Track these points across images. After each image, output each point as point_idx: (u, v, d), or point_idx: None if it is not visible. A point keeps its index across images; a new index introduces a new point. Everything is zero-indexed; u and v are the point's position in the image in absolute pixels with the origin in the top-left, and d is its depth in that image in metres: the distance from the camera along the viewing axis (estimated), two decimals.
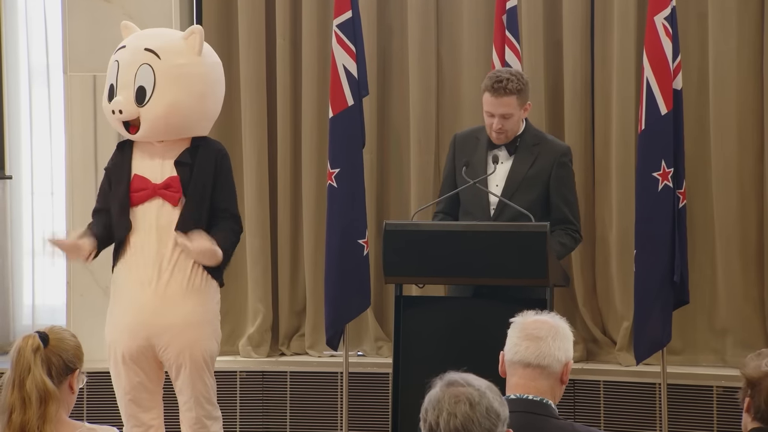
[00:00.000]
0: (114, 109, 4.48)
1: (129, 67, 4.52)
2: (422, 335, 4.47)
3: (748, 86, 5.61)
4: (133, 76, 4.50)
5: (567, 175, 4.82)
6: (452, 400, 2.44)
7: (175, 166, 4.52)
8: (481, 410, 2.44)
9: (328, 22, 5.70)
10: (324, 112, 5.76)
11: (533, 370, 3.00)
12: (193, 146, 4.56)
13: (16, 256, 6.49)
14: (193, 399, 4.51)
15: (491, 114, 4.69)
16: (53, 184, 6.39)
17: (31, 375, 2.85)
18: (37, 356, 2.87)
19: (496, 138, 4.72)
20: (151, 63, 4.52)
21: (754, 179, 5.63)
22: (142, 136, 4.51)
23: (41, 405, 2.84)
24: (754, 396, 2.82)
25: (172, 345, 4.45)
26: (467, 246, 4.38)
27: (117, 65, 4.53)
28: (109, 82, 4.53)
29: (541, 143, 4.80)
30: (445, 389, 2.47)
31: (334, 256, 5.37)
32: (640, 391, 5.57)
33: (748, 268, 5.63)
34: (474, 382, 2.49)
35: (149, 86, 4.49)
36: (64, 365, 2.92)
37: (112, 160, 4.62)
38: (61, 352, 2.92)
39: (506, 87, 4.64)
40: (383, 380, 5.73)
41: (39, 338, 2.90)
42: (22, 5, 6.41)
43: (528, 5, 5.79)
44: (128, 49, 4.57)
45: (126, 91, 4.49)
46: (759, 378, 2.80)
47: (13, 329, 6.46)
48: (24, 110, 6.44)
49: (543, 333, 3.02)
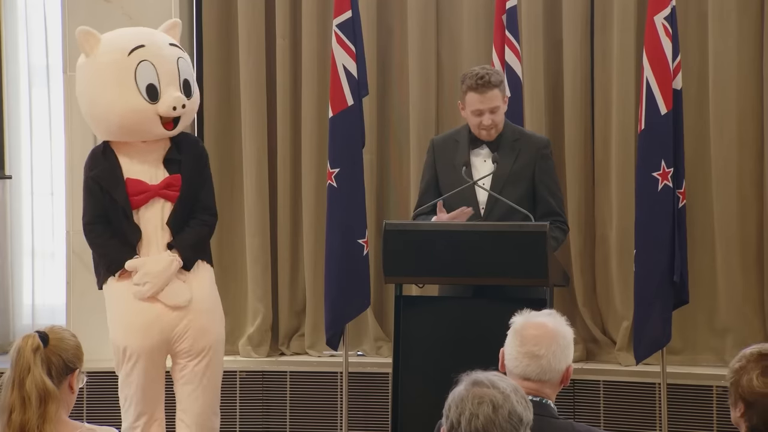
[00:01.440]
0: (177, 105, 4.51)
1: (167, 63, 4.55)
2: (422, 335, 4.47)
3: (747, 86, 5.60)
4: (176, 71, 4.55)
5: (550, 167, 4.83)
6: (475, 401, 2.43)
7: (165, 164, 4.56)
8: (504, 414, 2.43)
9: (328, 22, 5.70)
10: (324, 112, 5.76)
11: (534, 383, 3.01)
12: (174, 142, 4.60)
13: (16, 256, 6.49)
14: (201, 387, 4.55)
15: (479, 112, 4.68)
16: (53, 184, 6.40)
17: (30, 375, 2.85)
18: (37, 356, 2.87)
19: (486, 135, 4.72)
20: (183, 57, 4.64)
21: (754, 179, 5.63)
22: (178, 131, 4.59)
23: (41, 405, 2.84)
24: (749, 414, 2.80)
25: (189, 332, 4.53)
26: (467, 246, 4.38)
27: (150, 65, 4.52)
28: (146, 83, 4.51)
29: (521, 138, 4.80)
30: (470, 388, 2.46)
31: (334, 256, 5.37)
32: (640, 391, 5.57)
33: (747, 267, 5.63)
34: (499, 384, 2.47)
35: (191, 78, 4.64)
36: (64, 365, 2.92)
37: (96, 166, 4.58)
38: (61, 351, 2.92)
39: (490, 81, 4.67)
40: (383, 380, 5.73)
41: (39, 338, 2.90)
42: (22, 5, 6.41)
43: (528, 5, 5.79)
44: (152, 47, 4.58)
45: (173, 86, 4.54)
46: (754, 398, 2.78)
47: (13, 329, 6.46)
48: (24, 110, 6.44)
49: (543, 350, 3.01)
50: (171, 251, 4.54)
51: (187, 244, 4.56)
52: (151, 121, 4.52)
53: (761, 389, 2.75)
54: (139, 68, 4.51)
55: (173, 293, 4.50)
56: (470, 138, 4.77)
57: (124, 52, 4.55)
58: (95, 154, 4.62)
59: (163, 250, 4.52)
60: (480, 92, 4.66)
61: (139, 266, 4.48)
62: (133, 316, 4.51)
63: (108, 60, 4.56)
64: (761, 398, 2.74)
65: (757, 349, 2.82)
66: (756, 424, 2.77)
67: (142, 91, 4.50)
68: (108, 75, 4.55)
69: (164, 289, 4.49)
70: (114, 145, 4.60)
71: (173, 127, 4.57)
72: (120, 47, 4.57)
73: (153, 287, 4.47)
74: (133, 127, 4.54)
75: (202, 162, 4.67)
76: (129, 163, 4.56)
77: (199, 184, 4.63)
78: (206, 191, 4.67)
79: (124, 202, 4.50)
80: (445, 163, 4.81)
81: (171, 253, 4.52)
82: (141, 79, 4.51)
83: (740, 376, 2.80)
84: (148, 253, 4.52)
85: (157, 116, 4.52)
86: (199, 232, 4.61)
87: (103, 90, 4.56)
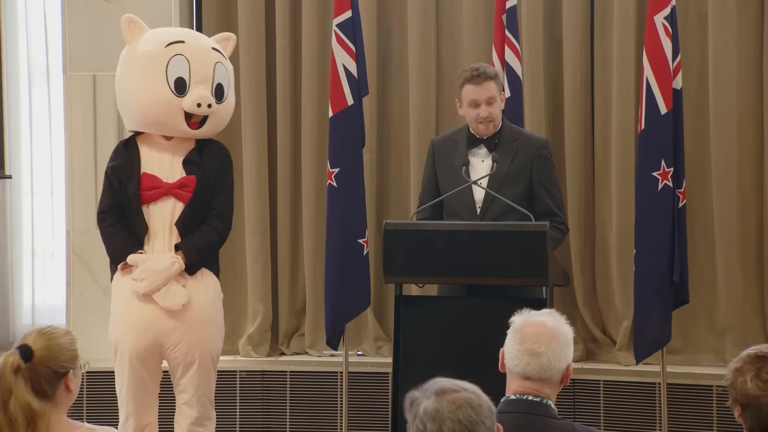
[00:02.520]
0: (202, 102, 4.51)
1: (204, 64, 4.57)
2: (422, 335, 4.47)
3: (747, 86, 5.61)
4: (211, 73, 4.56)
5: (548, 167, 4.82)
6: (452, 408, 2.39)
7: (184, 164, 4.55)
8: (484, 411, 2.41)
9: (328, 21, 5.69)
10: (324, 112, 5.76)
11: (534, 382, 3.01)
12: (199, 146, 4.60)
13: (15, 256, 6.49)
14: (195, 397, 4.54)
15: (476, 103, 4.68)
16: (53, 184, 6.39)
17: (13, 397, 2.77)
18: (18, 376, 2.79)
19: (484, 129, 4.72)
20: (222, 63, 4.64)
21: (754, 179, 5.63)
22: (203, 133, 4.60)
23: (29, 425, 2.77)
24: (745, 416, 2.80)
25: (182, 342, 4.50)
26: (467, 246, 4.37)
27: (185, 60, 4.53)
28: (176, 75, 4.52)
29: (520, 138, 4.81)
30: (440, 399, 2.40)
31: (334, 255, 5.37)
32: (640, 391, 5.57)
33: (747, 267, 5.63)
34: (464, 386, 2.44)
35: (227, 85, 4.65)
36: (53, 373, 2.84)
37: (118, 158, 4.59)
38: (48, 362, 2.83)
39: (485, 72, 4.71)
40: (383, 380, 5.73)
41: (20, 354, 2.81)
42: (21, 4, 6.41)
43: (528, 5, 5.79)
44: (192, 45, 4.60)
45: (204, 86, 4.54)
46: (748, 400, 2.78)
47: (12, 329, 6.46)
48: (24, 110, 6.43)
49: (543, 348, 3.01)
50: (176, 253, 4.53)
51: (194, 247, 4.53)
52: (174, 115, 4.52)
53: (754, 391, 2.75)
54: (172, 61, 4.53)
55: (168, 295, 4.47)
56: (469, 138, 4.77)
57: (162, 43, 4.58)
58: (119, 146, 4.65)
59: (169, 250, 4.51)
60: (476, 83, 4.68)
61: (140, 262, 4.47)
62: (129, 314, 4.49)
63: (144, 49, 4.59)
64: (755, 400, 2.74)
65: (755, 350, 2.82)
66: (751, 426, 2.77)
67: (170, 83, 4.51)
68: (140, 63, 4.58)
69: (160, 290, 4.48)
70: (139, 139, 4.61)
71: (198, 127, 4.56)
72: (160, 39, 4.61)
73: (150, 285, 4.45)
74: (156, 118, 4.54)
75: (224, 170, 4.64)
76: (149, 158, 4.57)
77: (215, 191, 4.59)
78: (223, 200, 4.63)
79: (133, 195, 4.49)
80: (444, 164, 4.81)
81: (175, 255, 4.52)
82: (172, 71, 4.52)
83: (736, 377, 2.80)
84: (152, 250, 4.51)
85: (182, 111, 4.52)
86: (209, 238, 4.57)
87: (134, 78, 4.59)
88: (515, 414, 2.95)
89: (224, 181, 4.63)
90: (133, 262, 4.48)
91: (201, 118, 4.55)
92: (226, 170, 4.65)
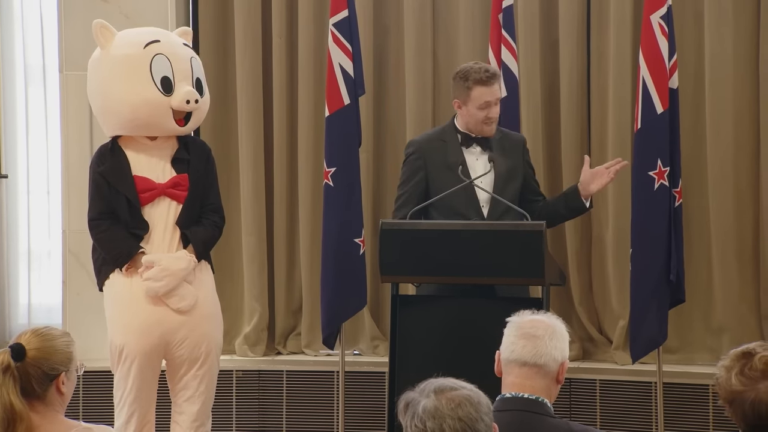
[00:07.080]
0: (190, 99, 4.53)
1: (182, 61, 4.59)
2: (419, 334, 4.47)
3: (743, 85, 5.61)
4: (189, 69, 4.59)
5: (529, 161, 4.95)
6: (451, 405, 2.40)
7: (173, 164, 4.55)
8: (483, 408, 2.42)
9: (325, 21, 5.70)
10: (320, 111, 5.76)
11: (530, 369, 3.00)
12: (182, 143, 4.61)
13: (12, 255, 6.49)
14: (198, 393, 4.55)
15: (488, 104, 4.69)
16: (49, 183, 6.39)
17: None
18: (7, 375, 2.77)
19: (489, 130, 4.73)
20: (195, 57, 4.69)
21: (750, 178, 5.63)
22: (189, 129, 4.62)
23: (9, 427, 2.74)
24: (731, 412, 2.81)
25: (189, 339, 4.52)
26: (463, 245, 4.37)
27: (166, 59, 4.54)
28: (161, 75, 4.52)
29: (504, 136, 4.84)
30: (439, 397, 2.41)
31: (331, 255, 5.37)
32: (636, 390, 5.58)
33: (743, 266, 5.64)
34: (462, 384, 2.46)
35: (203, 79, 4.68)
36: (44, 374, 2.81)
37: (104, 163, 4.57)
38: (40, 362, 2.81)
39: (495, 73, 4.76)
40: (379, 379, 5.74)
41: (11, 354, 2.79)
42: (17, 4, 6.41)
43: (524, 4, 5.80)
44: (167, 43, 4.61)
45: (187, 82, 4.57)
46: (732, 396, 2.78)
47: (9, 329, 6.45)
48: (20, 109, 6.43)
49: (540, 332, 3.03)
50: (186, 249, 4.53)
51: (201, 239, 4.56)
52: (163, 114, 4.52)
53: (737, 387, 2.75)
54: (154, 61, 4.53)
55: (180, 296, 4.48)
56: (461, 137, 4.76)
57: (139, 45, 4.57)
58: (103, 151, 4.61)
59: (169, 250, 4.50)
60: (488, 85, 4.69)
61: (157, 261, 4.46)
62: (134, 316, 4.48)
63: (123, 53, 4.57)
64: (738, 396, 2.75)
65: (742, 348, 2.83)
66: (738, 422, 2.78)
67: (157, 83, 4.52)
68: (123, 67, 4.56)
69: (172, 292, 4.47)
70: (122, 143, 4.59)
71: (184, 123, 4.58)
72: (136, 41, 4.60)
73: (168, 285, 4.44)
74: (146, 120, 4.53)
75: (210, 164, 4.69)
76: (137, 160, 4.56)
77: (207, 186, 4.63)
78: (215, 194, 4.70)
79: (133, 197, 4.49)
80: (437, 164, 4.76)
81: (187, 253, 4.52)
82: (156, 71, 4.52)
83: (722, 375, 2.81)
84: (152, 251, 4.50)
85: (170, 110, 4.53)
86: (212, 232, 4.63)
87: (118, 82, 4.55)
88: (511, 412, 2.95)
89: (212, 176, 4.69)
90: (149, 263, 4.45)
91: (185, 115, 4.57)
92: (212, 165, 4.71)
